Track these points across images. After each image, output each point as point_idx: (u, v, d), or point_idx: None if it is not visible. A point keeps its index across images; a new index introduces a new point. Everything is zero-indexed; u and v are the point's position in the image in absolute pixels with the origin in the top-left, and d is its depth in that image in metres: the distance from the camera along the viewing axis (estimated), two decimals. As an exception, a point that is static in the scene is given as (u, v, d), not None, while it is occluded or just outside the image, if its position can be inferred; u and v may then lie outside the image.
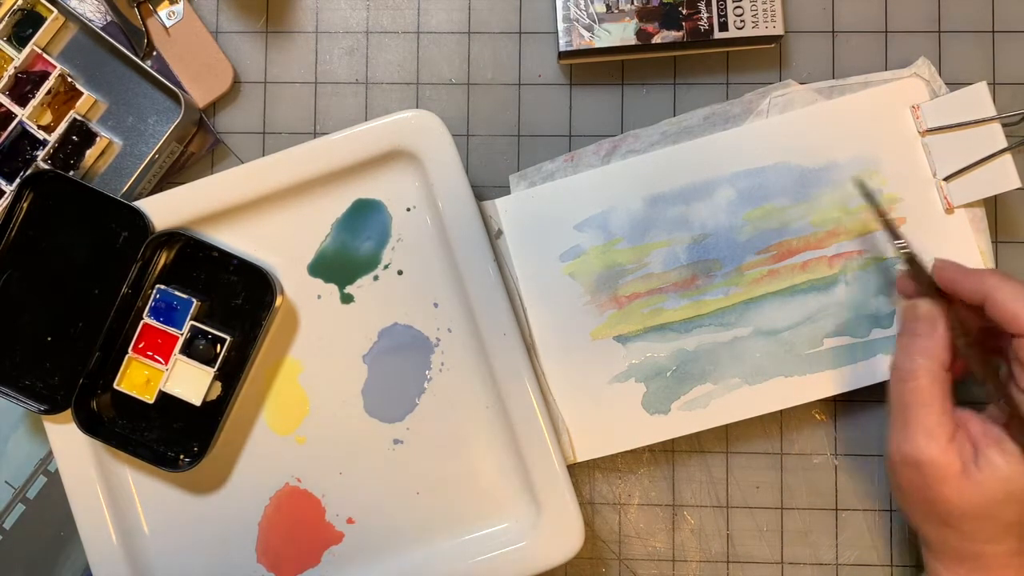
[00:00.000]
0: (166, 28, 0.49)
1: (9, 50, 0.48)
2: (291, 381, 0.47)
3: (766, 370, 0.46)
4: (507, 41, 0.50)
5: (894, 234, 0.44)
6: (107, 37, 0.48)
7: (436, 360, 0.47)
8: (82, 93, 0.48)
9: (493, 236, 0.47)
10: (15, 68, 0.48)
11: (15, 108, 0.47)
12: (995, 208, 0.49)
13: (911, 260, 0.43)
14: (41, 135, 0.47)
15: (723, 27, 0.47)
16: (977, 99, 0.46)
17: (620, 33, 0.47)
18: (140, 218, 0.45)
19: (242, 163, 0.48)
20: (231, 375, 0.46)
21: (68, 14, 0.48)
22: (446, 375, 0.47)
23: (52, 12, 0.48)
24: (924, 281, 0.42)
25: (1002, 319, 0.37)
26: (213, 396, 0.46)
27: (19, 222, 0.46)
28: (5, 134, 0.48)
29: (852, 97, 0.47)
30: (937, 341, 0.39)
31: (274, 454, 0.47)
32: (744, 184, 0.47)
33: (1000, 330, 0.38)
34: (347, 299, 0.47)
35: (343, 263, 0.47)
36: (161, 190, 0.48)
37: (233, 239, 0.47)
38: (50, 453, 0.49)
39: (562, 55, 0.48)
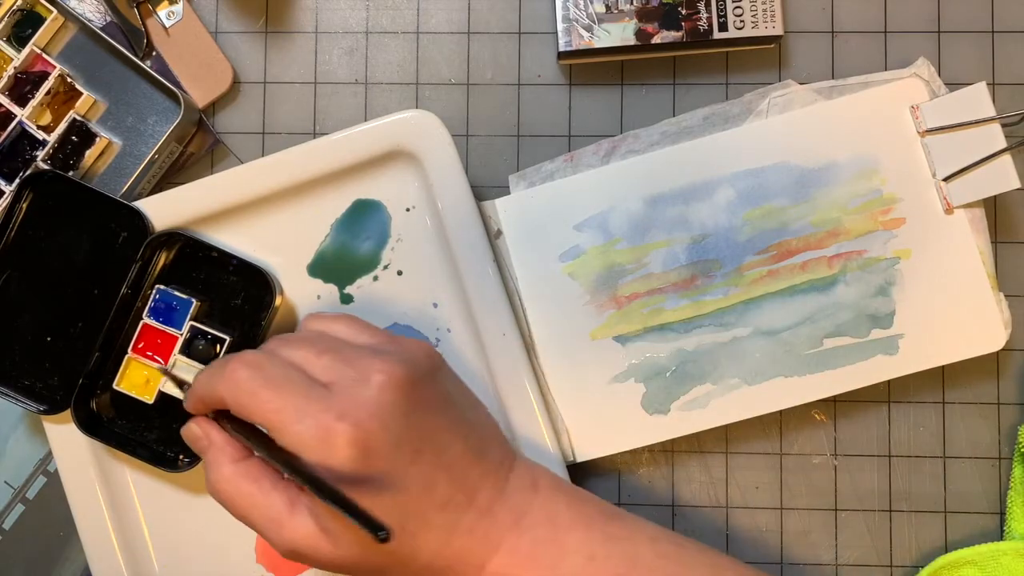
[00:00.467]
0: (165, 28, 0.49)
1: (8, 50, 0.48)
2: (291, 381, 0.47)
3: (766, 370, 0.46)
4: (507, 41, 0.50)
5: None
6: (107, 37, 0.48)
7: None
8: (82, 93, 0.48)
9: (493, 236, 0.47)
10: (14, 68, 0.48)
11: (15, 108, 0.47)
12: (995, 208, 0.49)
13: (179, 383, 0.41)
14: (41, 135, 0.47)
15: (723, 27, 0.47)
16: (977, 99, 0.46)
17: (620, 33, 0.47)
18: (139, 218, 0.45)
19: (242, 163, 0.48)
20: (231, 375, 0.46)
21: (68, 14, 0.48)
22: (446, 375, 0.47)
23: (52, 12, 0.48)
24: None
25: (215, 407, 0.36)
26: (213, 396, 0.46)
27: (18, 222, 0.46)
28: (4, 134, 0.48)
29: (852, 97, 0.47)
30: (218, 446, 0.37)
31: (274, 454, 0.47)
32: (744, 184, 0.47)
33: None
34: (347, 299, 0.47)
35: (343, 263, 0.47)
36: (161, 190, 0.48)
37: (233, 239, 0.47)
38: (50, 453, 0.49)
39: (562, 55, 0.48)
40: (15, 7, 0.48)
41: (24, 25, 0.48)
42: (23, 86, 0.48)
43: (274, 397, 0.34)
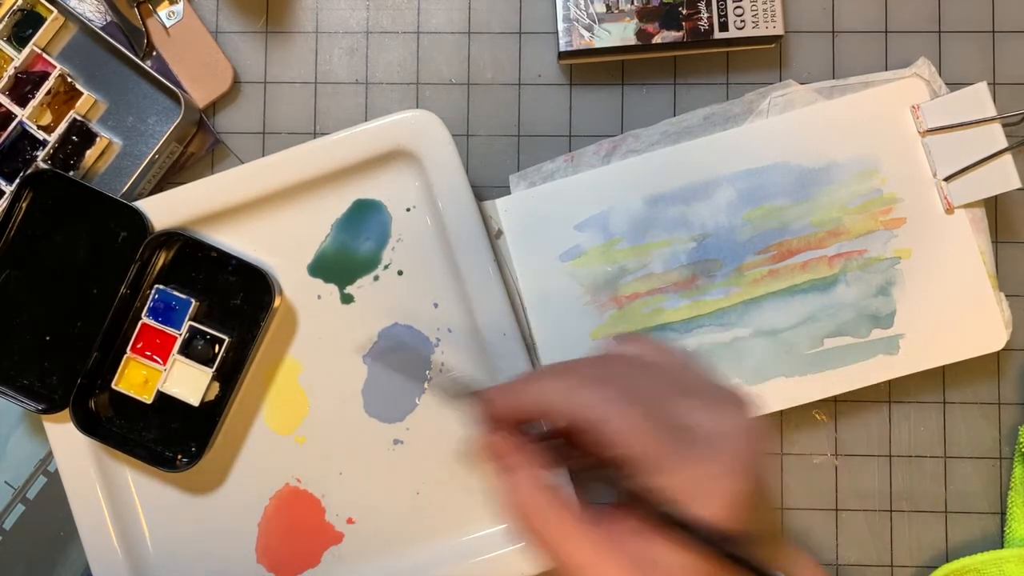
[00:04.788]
0: (166, 28, 0.49)
1: (9, 50, 0.48)
2: (291, 381, 0.47)
3: (766, 370, 0.46)
4: (507, 41, 0.50)
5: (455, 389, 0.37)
6: (107, 37, 0.48)
7: (436, 360, 0.47)
8: (82, 93, 0.48)
9: (493, 236, 0.47)
10: (15, 68, 0.48)
11: (15, 108, 0.47)
12: (995, 208, 0.49)
13: (462, 392, 0.36)
14: (41, 135, 0.47)
15: (723, 27, 0.47)
16: (977, 99, 0.46)
17: (620, 33, 0.47)
18: (139, 218, 0.45)
19: (242, 163, 0.48)
20: (229, 375, 0.46)
21: (68, 14, 0.48)
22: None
23: (52, 12, 0.48)
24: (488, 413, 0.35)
25: (568, 421, 0.32)
26: (211, 396, 0.46)
27: (18, 222, 0.46)
28: (5, 134, 0.48)
29: (852, 97, 0.47)
30: (533, 467, 0.33)
31: (274, 454, 0.47)
32: (744, 184, 0.47)
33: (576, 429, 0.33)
34: (347, 299, 0.47)
35: (343, 263, 0.47)
36: (161, 190, 0.48)
37: (233, 239, 0.47)
38: (50, 453, 0.49)
39: (562, 55, 0.48)
40: (15, 7, 0.48)
41: (24, 25, 0.48)
42: (23, 86, 0.48)
43: (654, 439, 0.31)
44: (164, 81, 0.47)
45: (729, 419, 0.32)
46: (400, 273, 0.47)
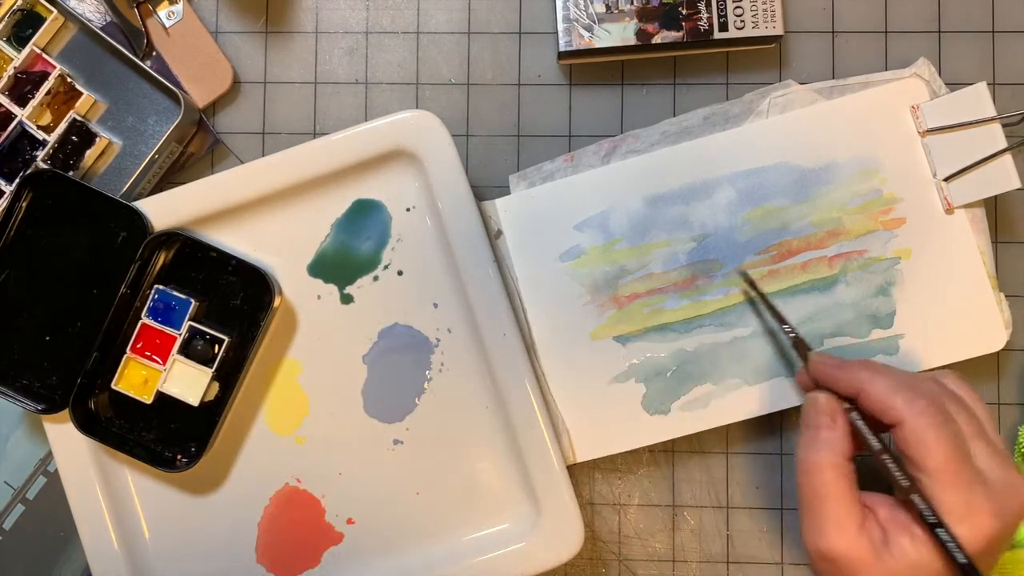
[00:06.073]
0: (165, 28, 0.49)
1: (9, 50, 0.48)
2: (291, 381, 0.47)
3: (766, 370, 0.46)
4: (507, 41, 0.50)
5: (782, 322, 0.45)
6: (107, 37, 0.48)
7: (436, 360, 0.47)
8: (82, 93, 0.48)
9: (493, 236, 0.47)
10: (15, 68, 0.48)
11: (15, 108, 0.47)
12: (995, 208, 0.49)
13: (798, 346, 0.44)
14: (41, 135, 0.47)
15: (723, 27, 0.47)
16: (977, 99, 0.46)
17: (620, 33, 0.47)
18: (139, 218, 0.45)
19: (242, 163, 0.48)
20: (229, 376, 0.46)
21: (68, 14, 0.48)
22: (446, 375, 0.47)
23: (52, 12, 0.48)
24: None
25: (876, 411, 0.38)
26: (211, 396, 0.46)
27: (18, 221, 0.46)
28: (5, 134, 0.48)
29: (852, 97, 0.47)
30: (838, 433, 0.39)
31: (274, 454, 0.47)
32: (744, 184, 0.47)
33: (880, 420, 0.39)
34: (347, 299, 0.47)
35: (343, 263, 0.47)
36: (161, 190, 0.48)
37: (232, 239, 0.47)
38: (50, 453, 0.49)
39: (562, 55, 0.48)
40: (15, 7, 0.48)
41: (24, 25, 0.48)
42: (23, 86, 0.48)
43: (951, 457, 0.36)
44: (164, 81, 0.47)
45: (1012, 475, 0.37)
46: (400, 273, 0.47)
